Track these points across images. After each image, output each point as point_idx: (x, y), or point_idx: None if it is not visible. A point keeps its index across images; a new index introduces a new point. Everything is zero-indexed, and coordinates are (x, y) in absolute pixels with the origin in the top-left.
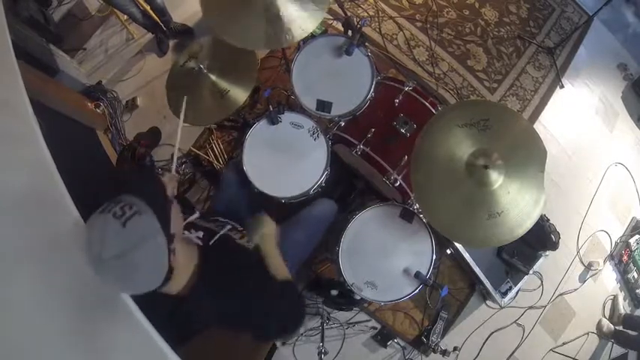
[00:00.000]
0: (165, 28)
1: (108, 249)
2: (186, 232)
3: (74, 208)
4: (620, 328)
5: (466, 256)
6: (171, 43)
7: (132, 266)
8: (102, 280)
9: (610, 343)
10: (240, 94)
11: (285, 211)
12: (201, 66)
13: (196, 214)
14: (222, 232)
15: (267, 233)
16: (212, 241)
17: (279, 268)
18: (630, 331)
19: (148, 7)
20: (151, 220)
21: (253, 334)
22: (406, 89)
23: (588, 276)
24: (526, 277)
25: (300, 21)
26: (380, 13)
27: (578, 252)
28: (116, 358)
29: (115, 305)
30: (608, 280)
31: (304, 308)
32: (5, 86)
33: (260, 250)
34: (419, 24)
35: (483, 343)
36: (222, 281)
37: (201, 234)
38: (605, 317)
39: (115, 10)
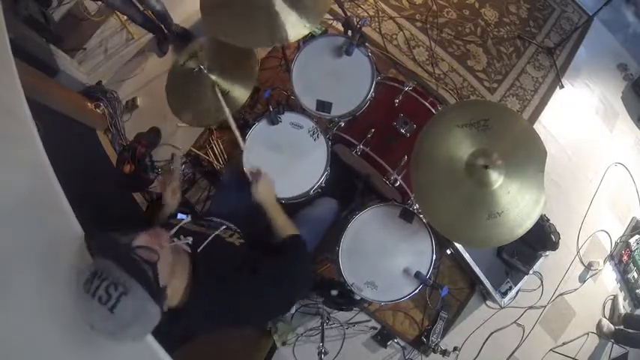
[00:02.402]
0: (166, 31)
1: (100, 331)
2: (175, 238)
3: (70, 209)
4: (621, 327)
5: (466, 256)
6: (171, 43)
7: (128, 335)
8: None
9: (610, 343)
10: (240, 95)
11: (285, 211)
12: (202, 66)
13: (187, 219)
14: (211, 236)
15: (265, 190)
16: (201, 248)
17: (285, 225)
18: (630, 330)
19: (148, 11)
20: (140, 295)
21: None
22: (406, 89)
23: (588, 276)
24: (526, 277)
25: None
26: (380, 13)
27: (578, 252)
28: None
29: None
30: (608, 280)
31: (309, 266)
32: (3, 86)
33: (252, 245)
34: (419, 24)
35: (483, 343)
36: (215, 284)
37: (190, 240)
38: (605, 317)
39: (115, 11)
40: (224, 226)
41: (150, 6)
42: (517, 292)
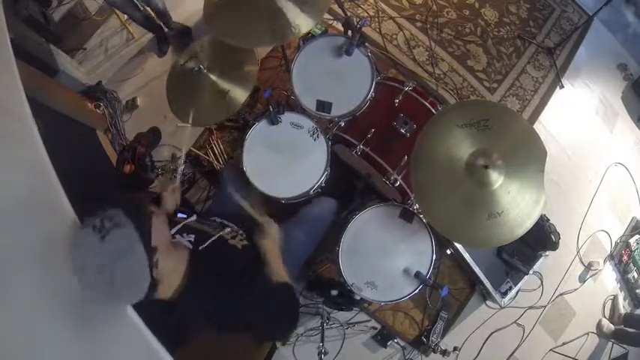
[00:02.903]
0: (165, 29)
1: (86, 260)
2: (177, 235)
3: (71, 209)
4: (621, 327)
5: (466, 256)
6: (171, 43)
7: (114, 279)
8: (87, 293)
9: (610, 343)
10: (240, 95)
11: (285, 211)
12: (202, 66)
13: (193, 217)
14: (215, 237)
15: (269, 238)
16: (203, 246)
17: (279, 271)
18: (630, 329)
19: (148, 9)
20: (131, 232)
21: (247, 333)
22: (406, 89)
23: (588, 276)
24: (526, 277)
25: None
26: (380, 13)
27: (578, 252)
28: (114, 358)
29: (113, 307)
30: (608, 280)
31: (297, 312)
32: (3, 86)
33: (256, 248)
34: (419, 24)
35: (483, 343)
36: (213, 284)
37: (192, 237)
38: (605, 317)
39: (116, 11)
40: (228, 228)
41: (152, 4)
42: (517, 292)
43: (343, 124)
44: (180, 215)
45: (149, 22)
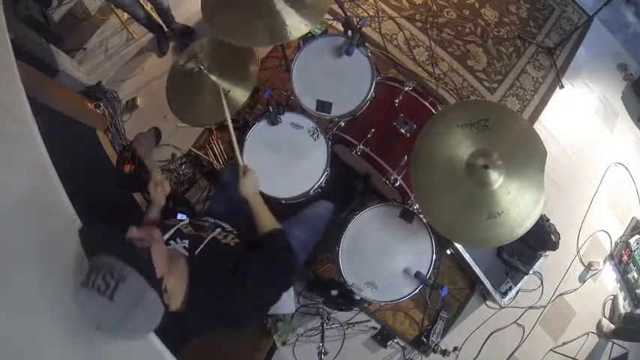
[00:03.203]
0: (166, 29)
1: (105, 324)
2: (172, 241)
3: (72, 208)
4: (621, 325)
5: (466, 256)
6: (171, 43)
7: (135, 325)
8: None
9: (610, 343)
10: (240, 95)
11: (285, 211)
12: (202, 66)
13: (185, 221)
14: (207, 239)
15: (250, 185)
16: (198, 250)
17: (268, 220)
18: (631, 327)
19: (149, 8)
20: (137, 280)
21: (254, 308)
22: (406, 89)
23: (588, 276)
24: (526, 277)
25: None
26: (380, 13)
27: (578, 252)
28: (115, 358)
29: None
30: (608, 280)
31: (294, 254)
32: (4, 86)
33: (246, 244)
34: (419, 24)
35: (483, 343)
36: (213, 285)
37: (187, 243)
38: (605, 317)
39: (116, 10)
40: (219, 229)
41: (156, 2)
42: (517, 292)
43: (343, 124)
44: (180, 216)
45: (151, 22)
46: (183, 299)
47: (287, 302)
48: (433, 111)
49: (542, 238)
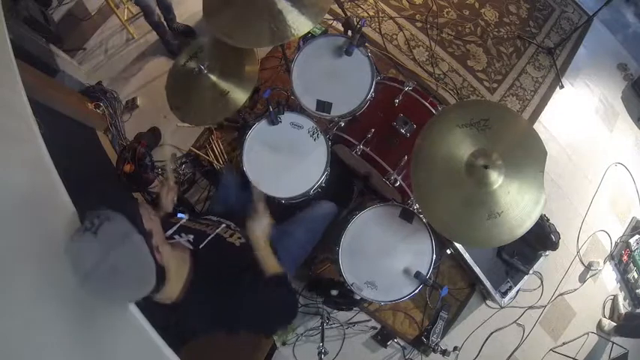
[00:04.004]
0: (167, 28)
1: (87, 260)
2: (176, 236)
3: (73, 207)
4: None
5: (466, 256)
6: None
7: (115, 270)
8: (97, 296)
9: (610, 343)
10: (240, 95)
11: (285, 211)
12: (202, 66)
13: (185, 217)
14: (212, 235)
15: (257, 228)
16: (202, 245)
17: (269, 262)
18: (632, 322)
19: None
20: (121, 221)
21: (249, 330)
22: (406, 89)
23: (588, 276)
24: (526, 277)
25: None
26: (380, 13)
27: (578, 252)
28: (117, 358)
29: (115, 306)
30: (608, 280)
31: (295, 300)
32: (4, 86)
33: (250, 243)
34: (419, 24)
35: (483, 343)
36: (214, 283)
37: (191, 237)
38: (605, 317)
39: (116, 11)
40: (224, 225)
41: None
42: (517, 292)
43: (343, 124)
44: (179, 215)
45: (157, 23)
46: (182, 289)
47: None
48: (433, 111)
49: (542, 238)
